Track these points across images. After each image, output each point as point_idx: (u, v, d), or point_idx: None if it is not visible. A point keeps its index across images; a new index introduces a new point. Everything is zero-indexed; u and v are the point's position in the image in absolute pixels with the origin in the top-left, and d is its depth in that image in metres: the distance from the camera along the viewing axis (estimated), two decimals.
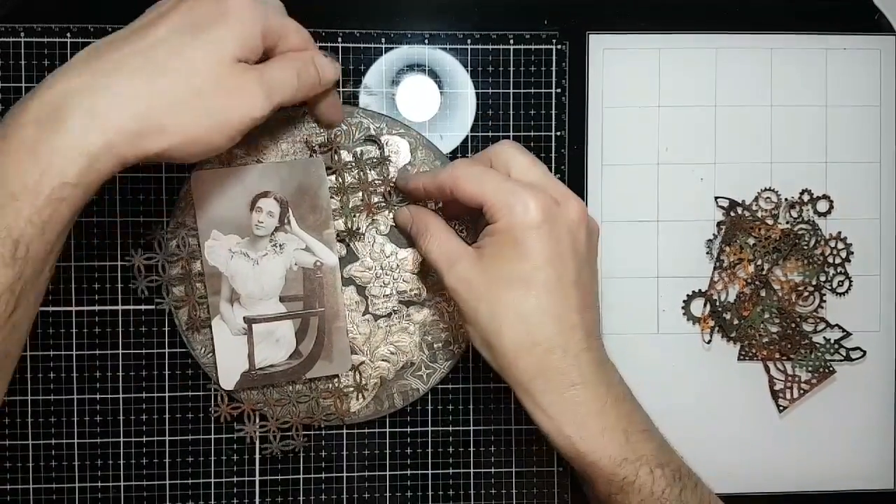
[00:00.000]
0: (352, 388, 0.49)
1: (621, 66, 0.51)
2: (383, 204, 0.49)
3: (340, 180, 0.48)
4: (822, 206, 0.52)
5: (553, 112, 0.51)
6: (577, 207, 0.42)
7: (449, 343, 0.50)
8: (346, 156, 0.48)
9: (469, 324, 0.42)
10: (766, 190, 0.52)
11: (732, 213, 0.52)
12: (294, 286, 0.48)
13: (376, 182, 0.48)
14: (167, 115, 0.37)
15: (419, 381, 0.50)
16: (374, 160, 0.48)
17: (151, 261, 0.48)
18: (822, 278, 0.52)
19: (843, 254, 0.52)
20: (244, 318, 0.47)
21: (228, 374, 0.48)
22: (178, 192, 0.48)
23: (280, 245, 0.47)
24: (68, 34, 0.49)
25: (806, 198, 0.52)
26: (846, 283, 0.52)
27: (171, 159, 0.38)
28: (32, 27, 0.48)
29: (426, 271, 0.49)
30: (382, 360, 0.49)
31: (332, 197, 0.48)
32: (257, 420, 0.49)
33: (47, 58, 0.48)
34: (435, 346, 0.50)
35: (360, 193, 0.48)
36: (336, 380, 0.49)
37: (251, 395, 0.49)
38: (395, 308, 0.49)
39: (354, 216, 0.48)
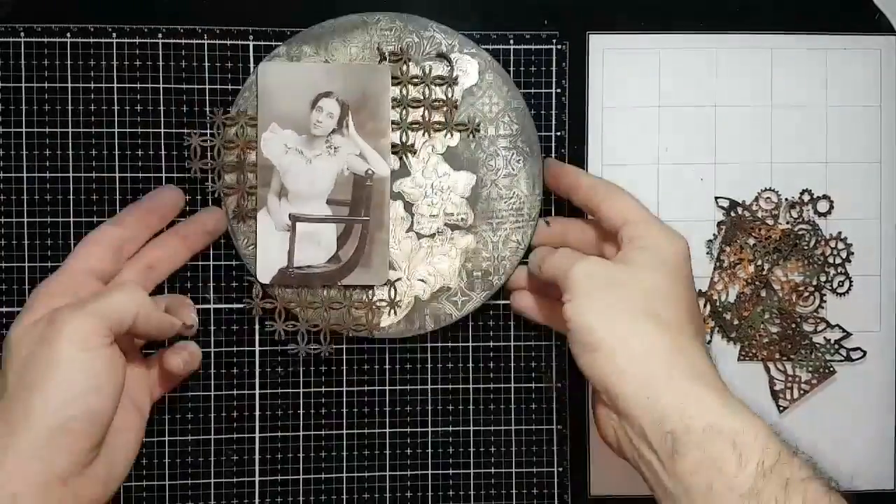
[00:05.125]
0: (385, 303, 0.49)
1: (621, 66, 0.51)
2: (443, 123, 0.48)
3: (405, 92, 0.48)
4: (823, 206, 0.52)
5: (553, 112, 0.51)
6: (686, 245, 0.44)
7: (489, 273, 0.49)
8: (413, 69, 0.48)
9: (590, 352, 0.40)
10: (766, 190, 0.52)
11: (732, 213, 0.52)
12: (343, 190, 0.48)
13: (440, 101, 0.48)
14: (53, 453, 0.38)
15: (453, 306, 0.49)
16: (442, 78, 0.48)
17: (207, 143, 0.48)
18: (823, 278, 0.52)
19: (844, 254, 0.52)
20: (290, 214, 0.48)
21: (267, 267, 0.48)
22: (243, 82, 0.48)
23: (335, 147, 0.47)
24: (68, 34, 0.49)
25: (806, 198, 0.52)
26: (846, 284, 0.52)
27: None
28: (32, 27, 0.48)
29: (475, 198, 0.49)
30: (419, 279, 0.49)
31: (392, 108, 0.48)
32: (288, 319, 0.49)
33: (47, 58, 0.48)
34: (474, 273, 0.49)
35: (422, 110, 0.48)
36: (370, 291, 0.49)
37: (286, 293, 0.49)
38: (440, 229, 0.49)
39: (412, 131, 0.48)
